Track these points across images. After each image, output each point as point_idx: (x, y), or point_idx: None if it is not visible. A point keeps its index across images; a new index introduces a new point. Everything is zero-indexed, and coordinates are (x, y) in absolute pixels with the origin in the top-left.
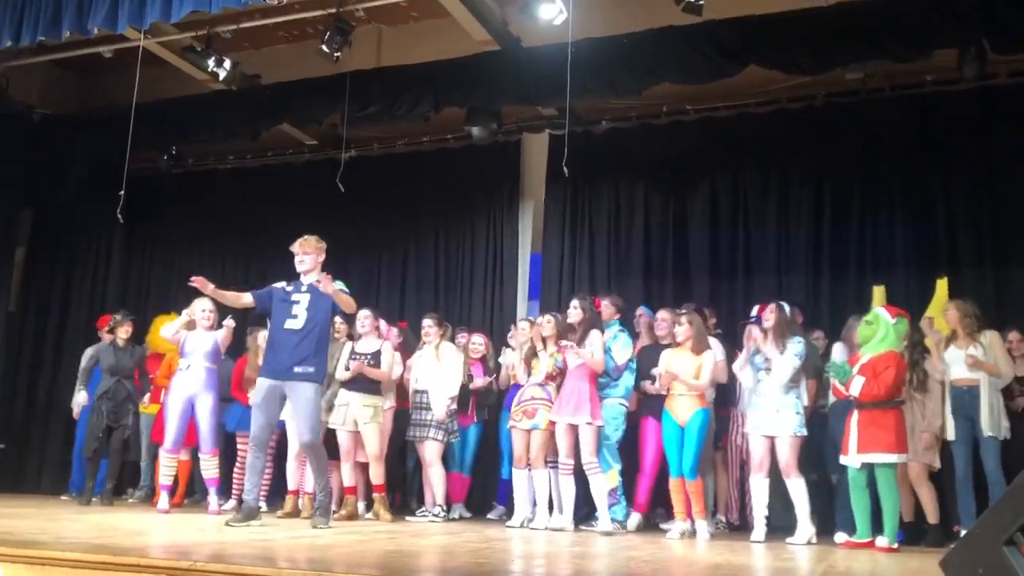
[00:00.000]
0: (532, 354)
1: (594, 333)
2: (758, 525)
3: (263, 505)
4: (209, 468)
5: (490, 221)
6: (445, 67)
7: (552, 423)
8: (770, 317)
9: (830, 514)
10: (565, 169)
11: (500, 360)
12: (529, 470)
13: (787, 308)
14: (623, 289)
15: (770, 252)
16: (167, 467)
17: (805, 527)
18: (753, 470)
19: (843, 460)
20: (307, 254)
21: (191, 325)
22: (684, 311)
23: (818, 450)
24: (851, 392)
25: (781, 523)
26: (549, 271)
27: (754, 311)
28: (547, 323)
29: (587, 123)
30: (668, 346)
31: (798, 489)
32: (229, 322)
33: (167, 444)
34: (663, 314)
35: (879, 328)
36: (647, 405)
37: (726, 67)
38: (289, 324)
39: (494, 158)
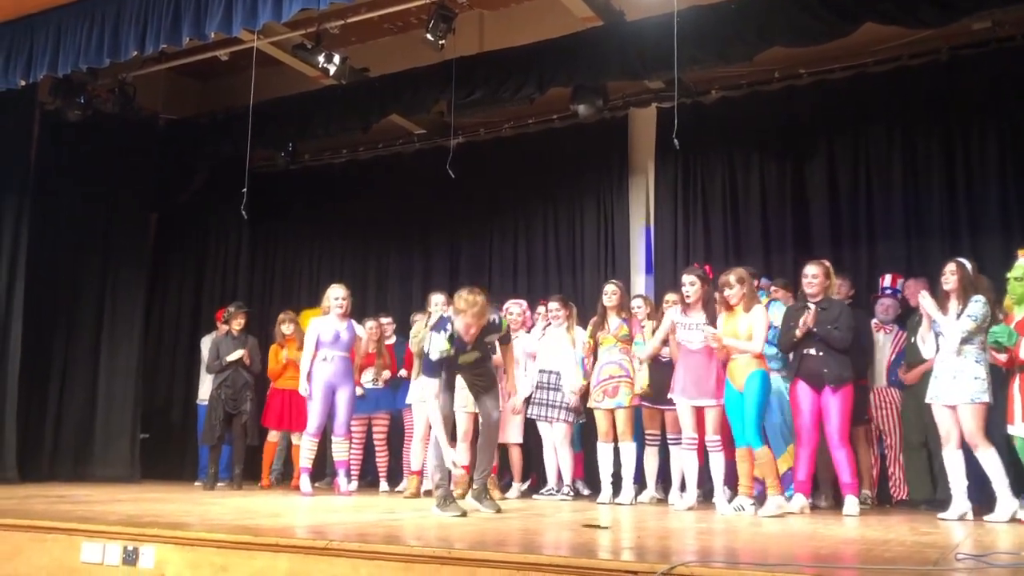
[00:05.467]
0: (598, 328)
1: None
2: (955, 501)
3: (385, 486)
4: (340, 451)
5: (599, 199)
6: (548, 47)
7: (637, 399)
8: (951, 279)
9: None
10: (676, 142)
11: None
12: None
13: (968, 265)
14: (742, 262)
15: (897, 218)
16: (309, 450)
17: (1005, 503)
18: (943, 443)
19: (1010, 430)
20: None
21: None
22: (732, 272)
23: None
24: (1023, 356)
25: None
26: (662, 247)
27: (887, 281)
28: (612, 294)
29: (696, 94)
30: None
31: (990, 461)
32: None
33: (310, 428)
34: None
35: None
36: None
37: (840, 26)
38: None
39: (601, 135)
